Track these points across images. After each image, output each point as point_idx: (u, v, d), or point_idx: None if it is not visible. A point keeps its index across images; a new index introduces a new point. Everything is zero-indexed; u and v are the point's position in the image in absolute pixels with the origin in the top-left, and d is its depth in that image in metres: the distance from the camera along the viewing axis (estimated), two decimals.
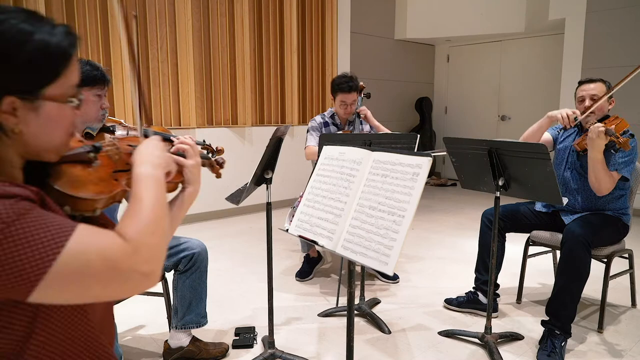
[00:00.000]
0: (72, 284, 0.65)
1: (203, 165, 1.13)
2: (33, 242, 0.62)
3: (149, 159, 0.85)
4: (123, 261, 0.67)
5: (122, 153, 0.92)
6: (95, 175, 0.84)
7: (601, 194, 2.29)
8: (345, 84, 2.96)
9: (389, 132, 2.96)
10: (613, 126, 2.17)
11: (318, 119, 3.16)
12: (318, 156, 1.64)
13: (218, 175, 1.32)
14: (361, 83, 3.10)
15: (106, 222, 0.90)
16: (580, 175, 2.45)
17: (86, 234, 0.67)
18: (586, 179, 2.38)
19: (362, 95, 3.10)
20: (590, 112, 2.37)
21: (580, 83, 2.46)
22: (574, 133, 2.55)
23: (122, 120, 2.10)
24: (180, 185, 1.01)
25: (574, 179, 2.48)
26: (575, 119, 2.34)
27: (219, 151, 2.40)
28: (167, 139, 2.17)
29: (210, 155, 2.34)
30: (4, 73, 0.67)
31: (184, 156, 1.00)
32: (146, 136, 0.95)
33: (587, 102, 2.38)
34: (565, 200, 2.10)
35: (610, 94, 2.34)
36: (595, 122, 2.29)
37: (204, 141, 2.33)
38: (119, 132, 1.94)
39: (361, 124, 3.07)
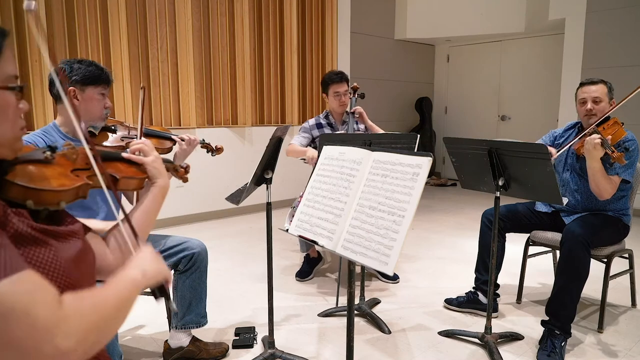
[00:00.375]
0: None
1: (167, 169, 1.20)
2: None
3: (144, 266, 0.86)
4: (43, 320, 0.62)
5: (80, 153, 0.93)
6: (54, 171, 0.86)
7: (603, 198, 2.29)
8: (335, 75, 3.12)
9: (384, 132, 2.97)
10: (609, 137, 2.17)
11: (311, 121, 3.21)
12: (317, 158, 1.64)
13: (184, 180, 1.36)
14: (355, 84, 3.13)
15: (73, 221, 0.90)
16: (579, 177, 2.45)
17: (27, 281, 0.63)
18: (586, 180, 2.38)
19: (357, 95, 3.12)
20: (592, 115, 2.37)
21: (582, 84, 2.45)
22: (573, 133, 2.55)
23: (123, 120, 2.11)
24: (147, 182, 1.08)
25: (573, 180, 2.48)
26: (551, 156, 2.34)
27: (218, 149, 2.41)
28: (167, 138, 2.18)
29: (210, 150, 2.35)
30: None
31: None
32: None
33: (589, 105, 2.37)
34: (565, 200, 2.10)
35: (613, 109, 2.33)
36: (595, 127, 2.29)
37: (203, 140, 2.34)
38: (120, 132, 1.95)
39: (356, 123, 3.09)
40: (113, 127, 1.91)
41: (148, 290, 0.91)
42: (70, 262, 0.79)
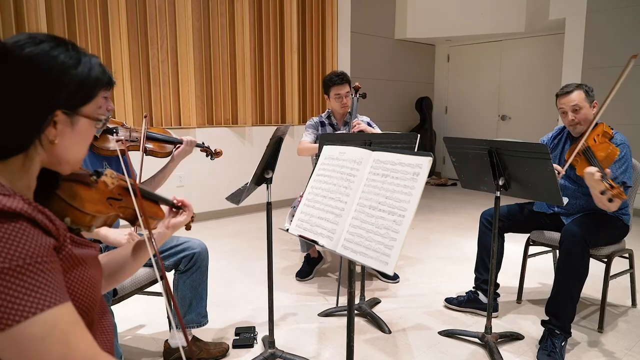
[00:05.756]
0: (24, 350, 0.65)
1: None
2: (12, 295, 0.64)
3: None
4: (83, 352, 0.68)
5: (117, 185, 1.01)
6: (94, 196, 0.94)
7: (612, 211, 2.24)
8: (336, 77, 3.07)
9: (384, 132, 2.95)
10: (603, 157, 2.13)
11: (315, 118, 3.21)
12: (318, 155, 1.64)
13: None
14: (357, 83, 3.12)
15: (91, 246, 0.92)
16: (574, 182, 2.43)
17: (68, 315, 0.69)
18: (581, 186, 2.37)
19: (358, 95, 3.11)
20: (576, 124, 2.34)
21: (558, 96, 2.41)
22: (564, 141, 2.53)
23: (124, 122, 2.11)
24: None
25: (568, 187, 2.46)
26: (559, 173, 2.28)
27: (217, 153, 2.41)
28: (168, 142, 2.18)
29: (209, 154, 2.36)
30: (61, 91, 0.77)
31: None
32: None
33: (570, 116, 2.34)
34: (565, 200, 2.09)
35: (594, 121, 2.27)
36: (585, 143, 2.23)
37: (203, 143, 2.34)
38: (121, 133, 1.95)
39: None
40: (114, 130, 1.90)
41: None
42: (96, 279, 0.86)
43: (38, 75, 0.75)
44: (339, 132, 3.11)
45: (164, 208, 1.22)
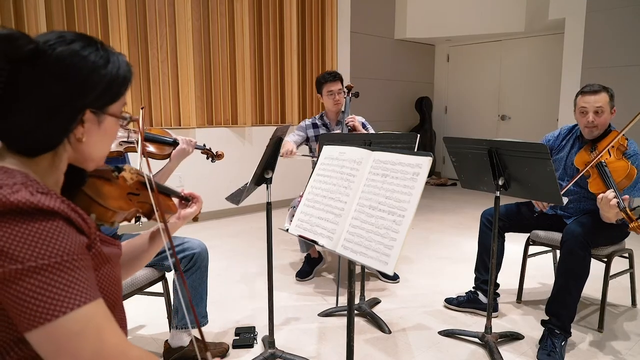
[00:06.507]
0: (62, 344, 0.67)
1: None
2: (51, 291, 0.67)
3: None
4: (113, 346, 0.72)
5: (135, 180, 1.04)
6: (116, 191, 0.97)
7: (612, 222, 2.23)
8: (328, 75, 3.13)
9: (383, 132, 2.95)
10: (618, 173, 2.08)
11: (308, 120, 3.25)
12: (318, 157, 1.64)
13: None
14: (349, 83, 3.13)
15: (116, 244, 0.92)
16: (578, 185, 2.41)
17: (101, 311, 0.72)
18: (584, 189, 2.36)
19: (351, 94, 3.13)
20: (594, 126, 2.30)
21: (583, 93, 2.32)
22: (572, 143, 2.51)
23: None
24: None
25: (572, 191, 2.45)
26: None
27: (219, 155, 2.40)
28: (167, 144, 2.17)
29: (210, 156, 2.36)
30: (91, 91, 0.78)
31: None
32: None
33: (591, 117, 2.27)
34: (565, 200, 2.09)
35: (622, 133, 2.23)
36: (600, 160, 2.18)
37: (204, 145, 2.33)
38: (120, 134, 1.94)
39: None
40: None
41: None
42: (120, 277, 0.89)
43: (69, 75, 0.75)
44: (336, 132, 3.11)
45: (175, 200, 1.24)
